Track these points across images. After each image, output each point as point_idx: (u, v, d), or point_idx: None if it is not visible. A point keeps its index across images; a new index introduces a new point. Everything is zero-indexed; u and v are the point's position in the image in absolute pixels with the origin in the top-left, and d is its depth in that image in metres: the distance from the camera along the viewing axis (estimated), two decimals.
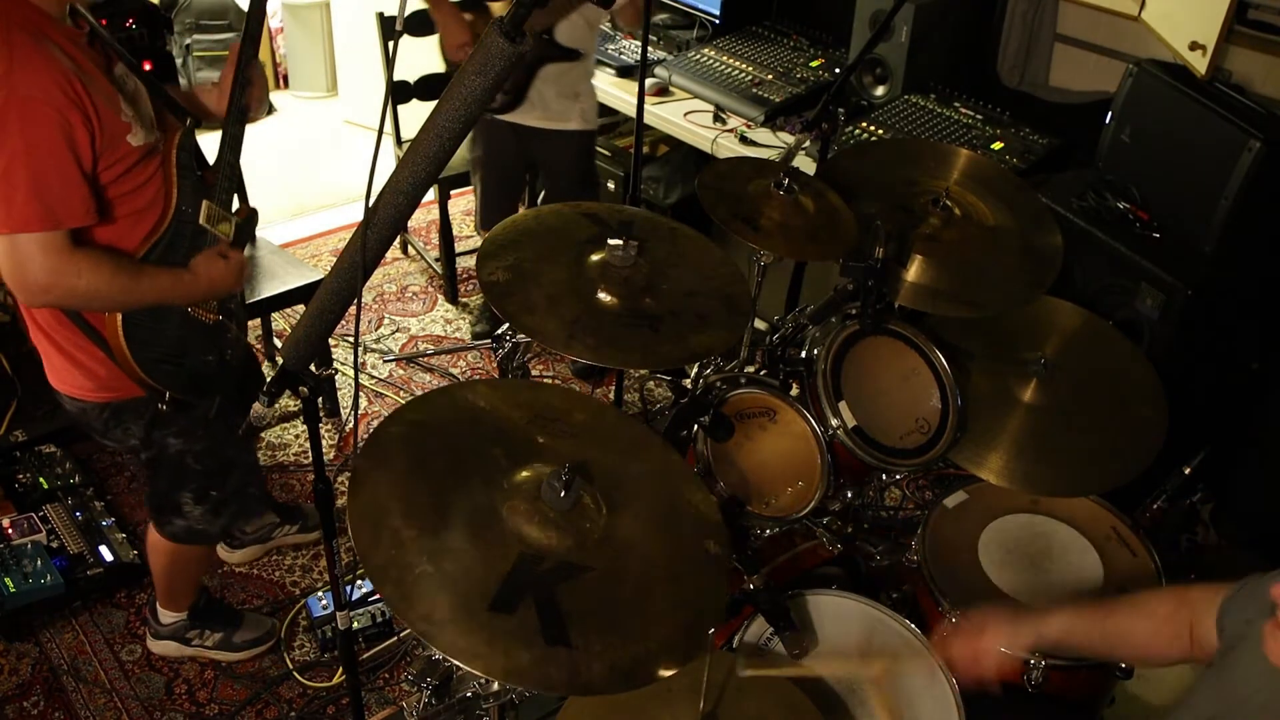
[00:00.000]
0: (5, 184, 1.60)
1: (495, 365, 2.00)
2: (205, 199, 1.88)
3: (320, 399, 1.53)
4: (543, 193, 3.45)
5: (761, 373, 2.06)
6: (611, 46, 3.61)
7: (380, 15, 3.52)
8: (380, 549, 1.25)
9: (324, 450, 2.29)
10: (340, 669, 2.44)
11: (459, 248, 3.83)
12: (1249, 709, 1.21)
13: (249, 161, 2.08)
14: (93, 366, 1.90)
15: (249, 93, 1.93)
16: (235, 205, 1.99)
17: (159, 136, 1.83)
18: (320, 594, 2.58)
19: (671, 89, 3.37)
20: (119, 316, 1.81)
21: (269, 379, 1.44)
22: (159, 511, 2.17)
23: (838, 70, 3.26)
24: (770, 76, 3.27)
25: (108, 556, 2.60)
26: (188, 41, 4.68)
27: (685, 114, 3.21)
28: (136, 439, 2.03)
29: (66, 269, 1.67)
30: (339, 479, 2.86)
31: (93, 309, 1.82)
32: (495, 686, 1.57)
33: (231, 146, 1.93)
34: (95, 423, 2.00)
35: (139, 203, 1.81)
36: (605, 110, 3.63)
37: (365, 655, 2.48)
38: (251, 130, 2.02)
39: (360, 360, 3.47)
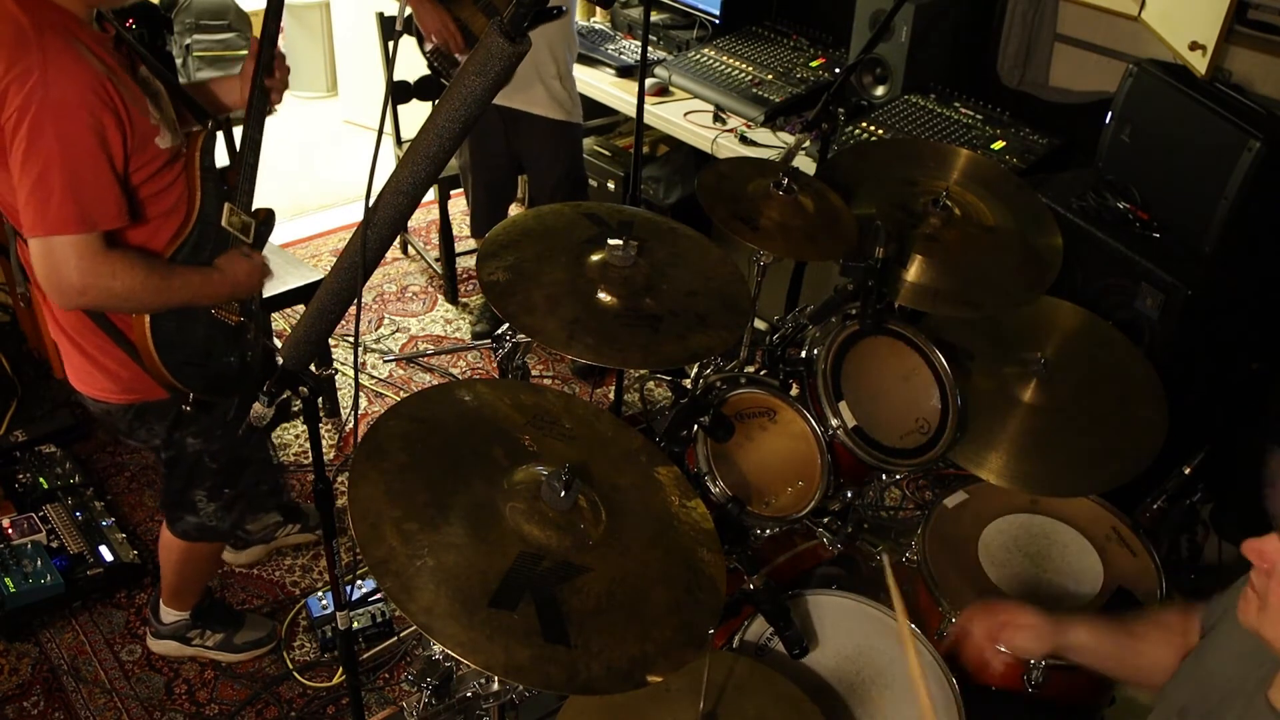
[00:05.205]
0: (41, 187, 1.60)
1: (495, 365, 2.00)
2: (227, 201, 1.89)
3: (320, 399, 1.53)
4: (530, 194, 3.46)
5: (761, 373, 2.06)
6: (611, 46, 3.62)
7: (380, 15, 3.53)
8: (382, 542, 1.26)
9: (324, 450, 2.29)
10: (340, 669, 2.44)
11: (459, 248, 3.83)
12: (1220, 689, 1.21)
13: None
14: (116, 369, 1.91)
15: (271, 81, 1.95)
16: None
17: (183, 139, 1.84)
18: (320, 594, 2.59)
19: (671, 89, 3.37)
20: (147, 319, 1.82)
21: (269, 379, 1.44)
22: (172, 509, 2.19)
23: (838, 70, 3.26)
24: (770, 76, 3.27)
25: (108, 556, 2.60)
26: (188, 41, 4.68)
27: (685, 114, 3.21)
28: (159, 439, 2.04)
29: (101, 270, 1.68)
30: (339, 479, 2.86)
31: (125, 310, 1.82)
32: (495, 686, 1.57)
33: (251, 149, 1.94)
34: (120, 424, 2.01)
35: (165, 205, 1.82)
36: (605, 110, 3.63)
37: (365, 655, 2.49)
38: None
39: (360, 360, 3.47)
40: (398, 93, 3.46)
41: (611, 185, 3.60)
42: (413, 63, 3.15)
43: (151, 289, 1.75)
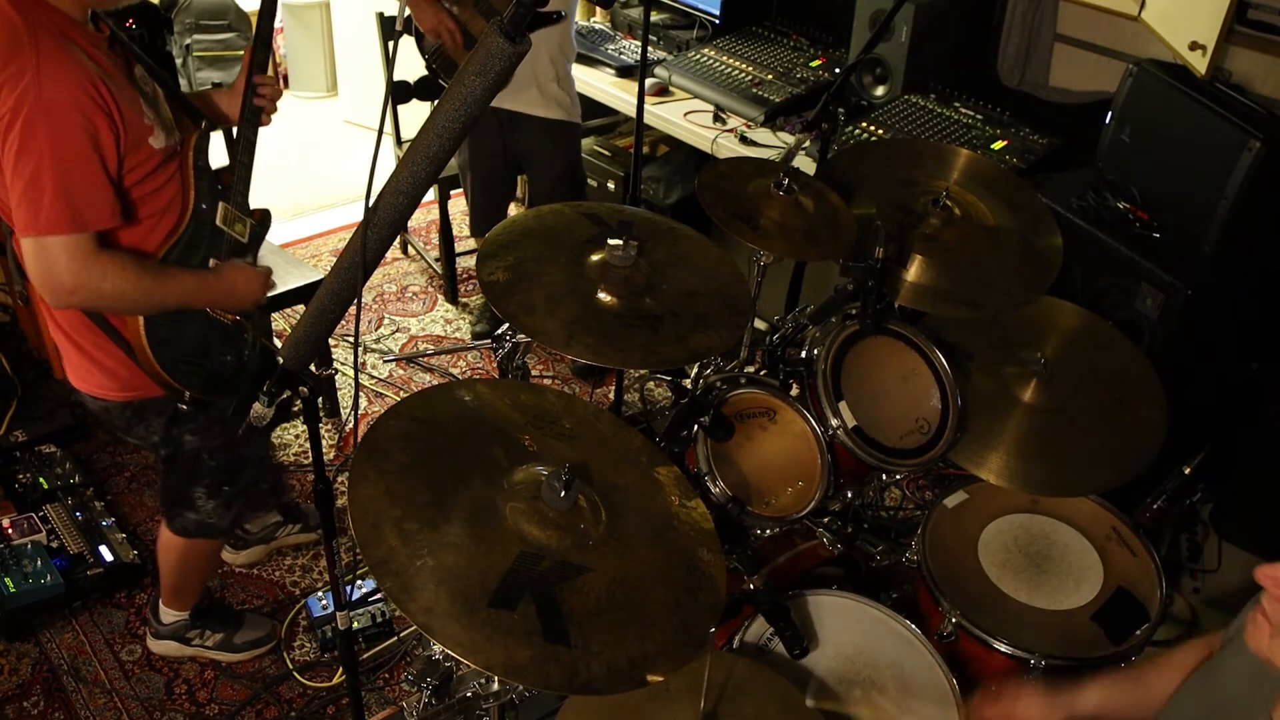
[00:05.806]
0: (33, 187, 1.61)
1: (495, 365, 2.00)
2: (221, 201, 1.90)
3: (320, 399, 1.53)
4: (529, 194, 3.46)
5: (761, 373, 2.06)
6: (611, 46, 3.62)
7: (380, 15, 3.53)
8: (382, 542, 1.26)
9: (324, 450, 2.29)
10: (340, 669, 2.44)
11: (459, 248, 3.83)
12: (1225, 708, 1.20)
13: None
14: (114, 367, 1.91)
15: (261, 98, 1.94)
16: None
17: (177, 139, 1.84)
18: (320, 594, 2.58)
19: (671, 89, 3.37)
20: (140, 318, 1.82)
21: (267, 378, 1.44)
22: (171, 505, 2.19)
23: (838, 70, 3.26)
24: (770, 76, 3.27)
25: (108, 556, 2.60)
26: (188, 41, 4.68)
27: (685, 114, 3.21)
28: (157, 436, 2.05)
29: (92, 271, 1.69)
30: (339, 479, 2.86)
31: (117, 311, 1.83)
32: (495, 686, 1.57)
33: (245, 149, 1.94)
34: (118, 421, 2.01)
35: (159, 204, 1.82)
36: (605, 110, 3.63)
37: (365, 655, 2.48)
38: None
39: (360, 360, 3.47)
40: (398, 93, 3.47)
41: (611, 185, 3.60)
42: (413, 63, 3.15)
43: (142, 291, 1.76)
